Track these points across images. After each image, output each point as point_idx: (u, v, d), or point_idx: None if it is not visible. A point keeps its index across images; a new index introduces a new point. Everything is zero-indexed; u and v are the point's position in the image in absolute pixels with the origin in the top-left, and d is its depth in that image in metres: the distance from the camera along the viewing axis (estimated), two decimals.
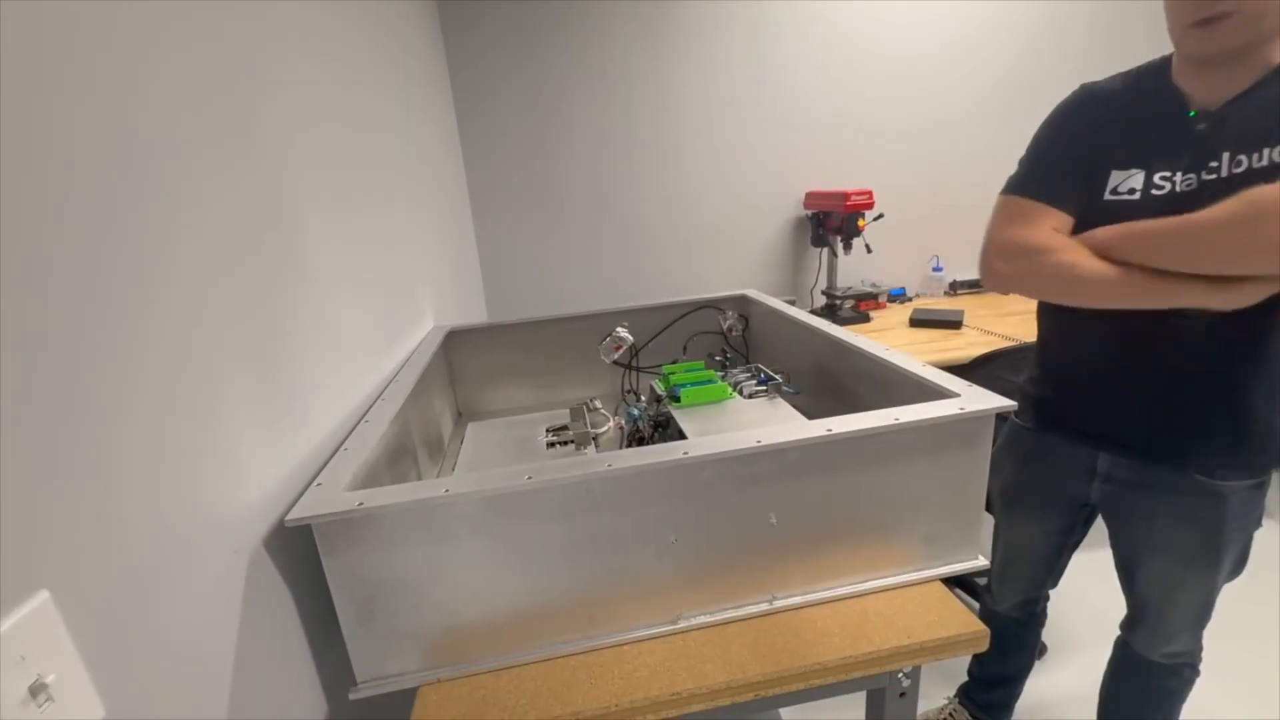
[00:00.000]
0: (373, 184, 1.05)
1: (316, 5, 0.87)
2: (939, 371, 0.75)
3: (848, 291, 2.23)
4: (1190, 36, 0.73)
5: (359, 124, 1.02)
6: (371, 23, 1.19)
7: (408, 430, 0.89)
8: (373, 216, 1.01)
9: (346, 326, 0.83)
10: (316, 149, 0.80)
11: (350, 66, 1.02)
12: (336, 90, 0.92)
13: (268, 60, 0.69)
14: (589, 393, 1.37)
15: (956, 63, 2.27)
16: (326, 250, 0.79)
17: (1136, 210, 0.79)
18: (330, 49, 0.92)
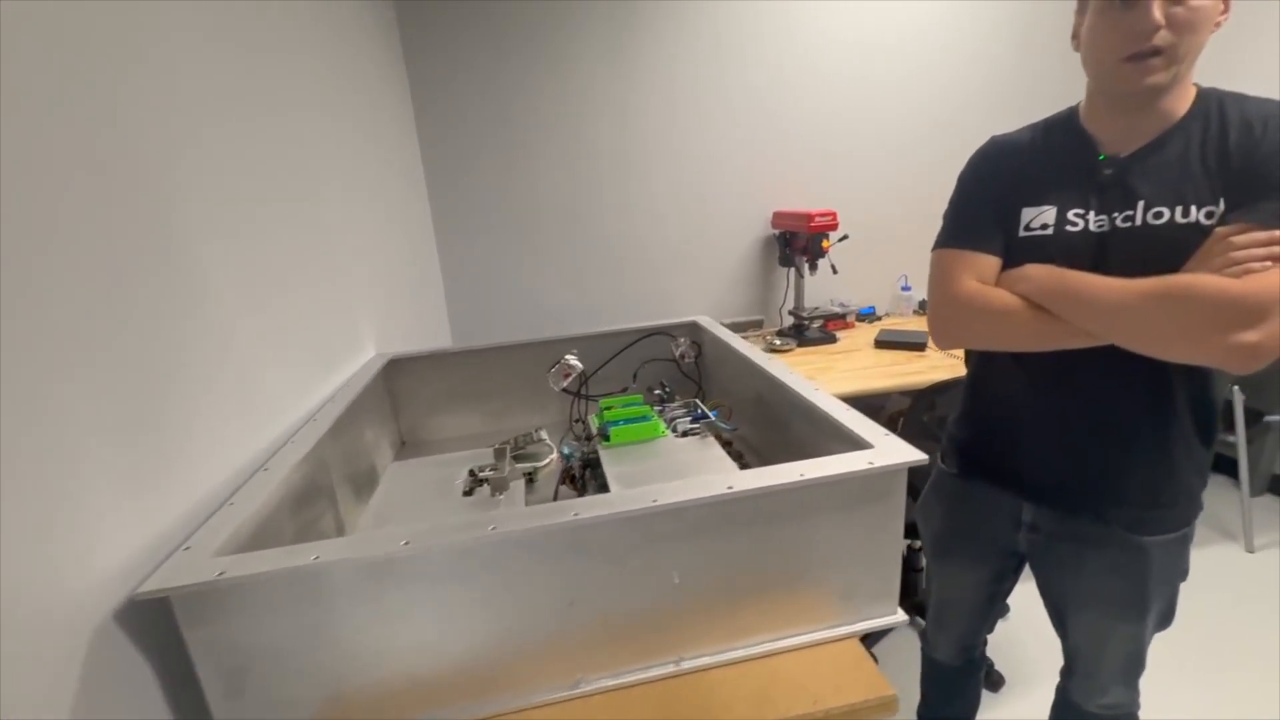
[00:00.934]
0: (299, 205, 1.01)
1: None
2: (859, 417, 0.74)
3: (814, 312, 2.22)
4: (1122, 71, 0.73)
5: (283, 138, 0.98)
6: (303, 16, 1.16)
7: (324, 470, 0.86)
8: (298, 242, 0.98)
9: (256, 365, 0.80)
10: (219, 162, 0.77)
11: (274, 67, 0.98)
12: (254, 98, 0.89)
13: (151, 48, 0.66)
14: (539, 420, 1.34)
15: (921, 83, 2.28)
16: (233, 281, 0.76)
17: (1051, 246, 0.79)
18: (245, 40, 0.88)
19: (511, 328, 2.27)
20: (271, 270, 0.87)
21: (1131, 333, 0.71)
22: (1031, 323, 0.77)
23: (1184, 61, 0.71)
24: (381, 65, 1.75)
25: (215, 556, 0.55)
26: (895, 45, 2.22)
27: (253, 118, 0.88)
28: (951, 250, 0.86)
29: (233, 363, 0.74)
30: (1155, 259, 0.72)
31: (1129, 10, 0.69)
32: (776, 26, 2.14)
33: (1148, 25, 0.68)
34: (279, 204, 0.94)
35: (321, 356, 1.03)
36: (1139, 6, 0.69)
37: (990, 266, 0.83)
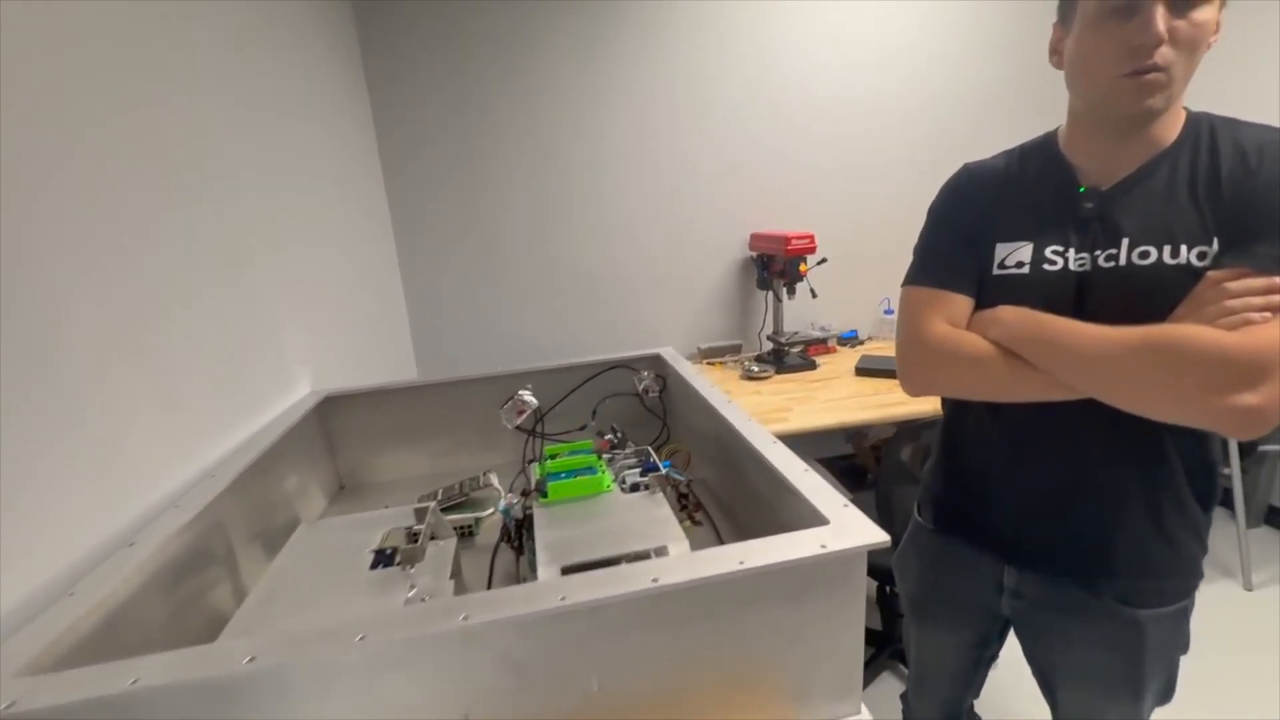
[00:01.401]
0: (212, 233, 0.92)
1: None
2: (817, 481, 0.65)
3: (794, 337, 2.14)
4: (1120, 89, 0.65)
5: (190, 157, 0.90)
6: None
7: (220, 533, 0.76)
8: (199, 271, 0.89)
9: (127, 420, 0.70)
10: (88, 173, 0.68)
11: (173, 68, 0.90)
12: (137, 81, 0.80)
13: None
14: (491, 460, 1.25)
15: (902, 103, 2.23)
16: (95, 319, 0.67)
17: (1027, 286, 0.71)
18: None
19: (481, 359, 2.18)
20: (155, 304, 0.78)
21: (1114, 388, 0.63)
22: (1005, 372, 0.69)
23: (1180, 83, 0.64)
24: (340, 82, 1.67)
25: (22, 675, 0.45)
26: (875, 65, 2.17)
27: (132, 111, 0.79)
28: (921, 288, 0.79)
29: (90, 419, 0.64)
30: (1141, 303, 0.65)
31: (1129, 22, 0.62)
32: (753, 45, 2.09)
33: (1150, 39, 0.61)
34: (178, 230, 0.85)
35: (232, 400, 0.94)
36: (1141, 18, 0.61)
37: (962, 307, 0.75)
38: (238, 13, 1.13)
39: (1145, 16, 0.61)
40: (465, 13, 1.90)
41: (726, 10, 2.04)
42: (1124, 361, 0.61)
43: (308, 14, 1.51)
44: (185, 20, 0.94)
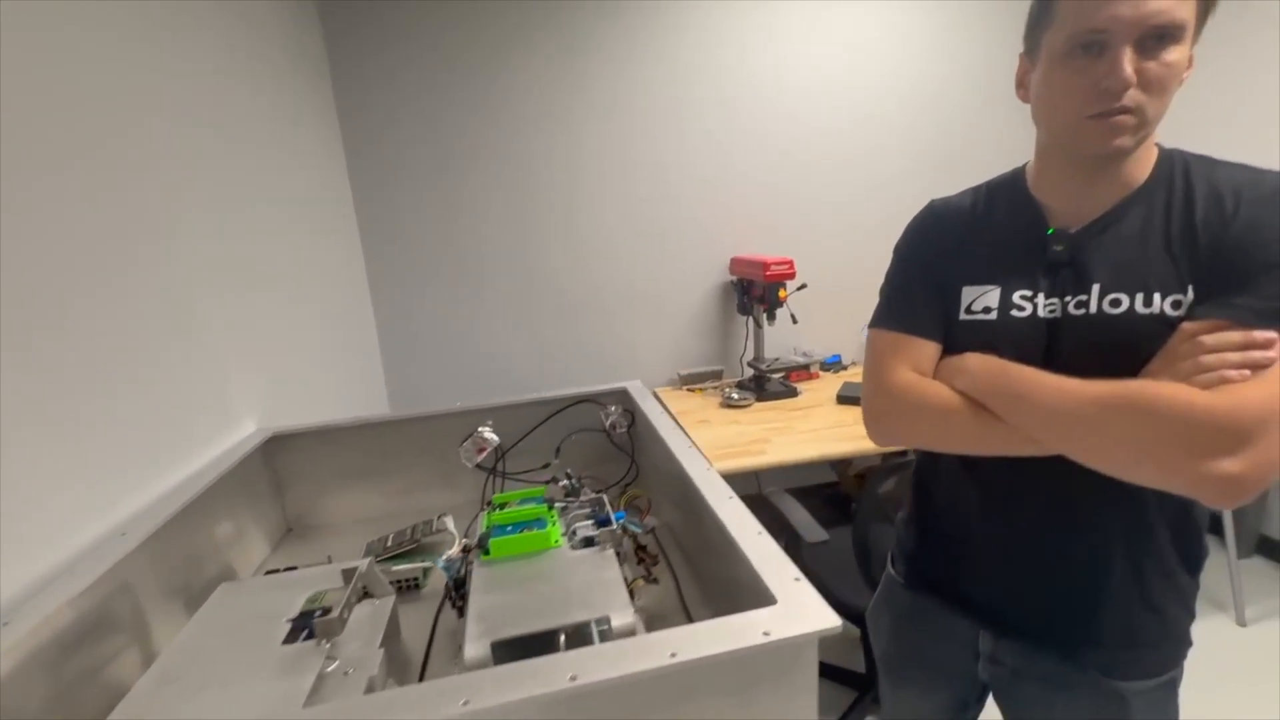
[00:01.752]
0: (138, 265, 0.87)
1: None
2: (769, 547, 0.60)
3: (775, 363, 2.10)
4: (1087, 129, 0.61)
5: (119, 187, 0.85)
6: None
7: (126, 595, 0.70)
8: (130, 310, 0.83)
9: (32, 480, 0.64)
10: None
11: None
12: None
13: None
14: (450, 500, 1.19)
15: (883, 128, 2.22)
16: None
17: (995, 333, 0.67)
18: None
19: (458, 390, 2.12)
20: (66, 344, 0.72)
21: (1084, 447, 0.59)
22: (972, 425, 0.64)
23: (1152, 124, 0.60)
24: (305, 105, 1.64)
25: None
26: (858, 90, 2.16)
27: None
28: (886, 332, 0.75)
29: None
30: (1113, 353, 0.61)
31: (1097, 61, 0.59)
32: (734, 68, 2.07)
33: (1118, 81, 0.57)
34: (105, 265, 0.79)
35: (159, 445, 0.87)
36: (1109, 58, 0.58)
37: (928, 353, 0.71)
38: (184, 30, 1.09)
39: (1113, 57, 0.58)
40: (438, 34, 1.87)
41: (707, 34, 2.02)
42: (1093, 419, 0.57)
43: (272, 32, 1.48)
44: (123, 42, 0.89)
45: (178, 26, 1.06)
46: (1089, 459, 0.59)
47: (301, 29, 1.67)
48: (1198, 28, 0.59)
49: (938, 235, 0.75)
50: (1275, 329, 0.54)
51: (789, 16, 2.06)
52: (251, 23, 1.37)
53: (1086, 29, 0.58)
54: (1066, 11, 0.60)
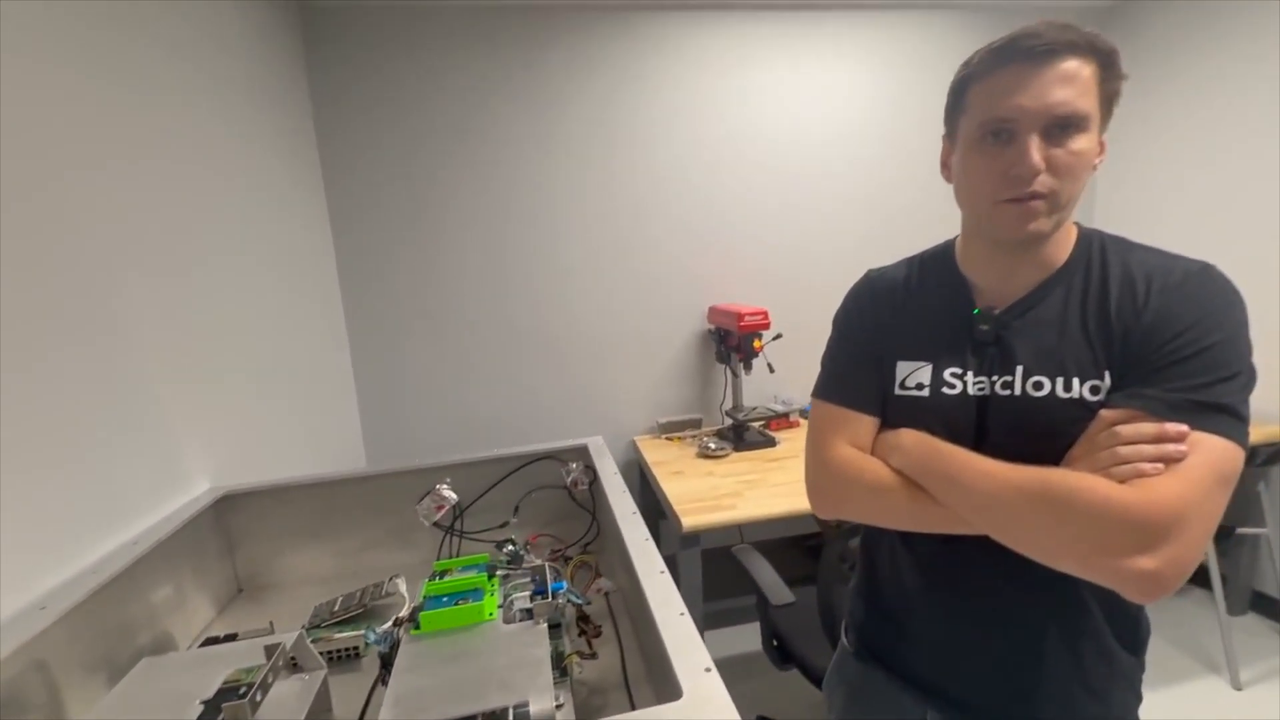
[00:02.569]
0: (70, 322, 0.87)
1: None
2: (687, 630, 0.58)
3: (752, 412, 2.09)
4: (1000, 213, 0.62)
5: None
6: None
7: (41, 674, 0.68)
8: (57, 367, 0.83)
9: None
10: None
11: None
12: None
13: None
14: (406, 560, 1.17)
15: (861, 178, 2.27)
16: None
17: (928, 409, 0.67)
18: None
19: (437, 443, 2.11)
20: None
21: (1009, 532, 0.59)
22: (907, 503, 0.64)
23: (1067, 209, 0.62)
24: (283, 150, 1.68)
25: None
26: (832, 143, 2.23)
27: None
28: (826, 404, 0.75)
29: None
30: (1038, 435, 0.61)
31: (1006, 149, 0.60)
32: (711, 118, 2.14)
33: (1026, 169, 0.59)
34: (39, 324, 0.80)
35: (94, 510, 0.86)
36: (1016, 146, 0.60)
37: (866, 428, 0.71)
38: (156, 76, 1.13)
39: (1020, 146, 0.59)
40: (419, 88, 1.94)
41: (684, 88, 2.10)
42: (1017, 506, 0.56)
43: (256, 85, 1.53)
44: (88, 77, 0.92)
45: (145, 68, 1.10)
46: (1016, 545, 0.58)
47: (286, 81, 1.74)
48: (1104, 116, 0.61)
49: (873, 308, 0.76)
50: (1186, 421, 0.54)
51: (765, 73, 2.14)
52: (236, 74, 1.42)
53: (994, 117, 0.60)
54: (976, 100, 0.63)
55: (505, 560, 0.90)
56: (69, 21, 0.91)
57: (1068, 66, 0.58)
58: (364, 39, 1.88)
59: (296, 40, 1.82)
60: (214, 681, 0.70)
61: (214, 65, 1.34)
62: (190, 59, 1.25)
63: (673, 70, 2.08)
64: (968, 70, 0.64)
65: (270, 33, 1.65)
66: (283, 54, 1.72)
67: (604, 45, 2.02)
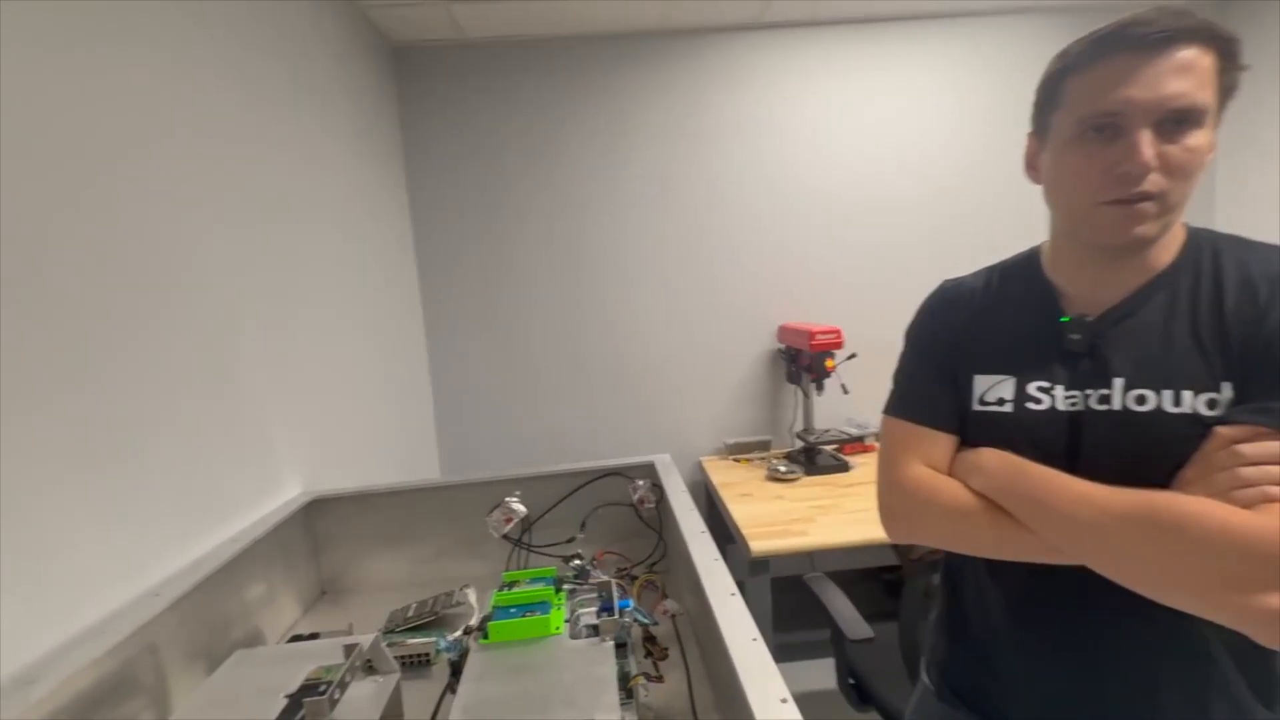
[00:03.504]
0: (189, 332, 0.94)
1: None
2: (760, 656, 0.55)
3: (825, 435, 2.01)
4: (1102, 216, 0.57)
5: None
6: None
7: (150, 656, 0.73)
8: (177, 375, 0.91)
9: (69, 541, 0.70)
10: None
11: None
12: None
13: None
14: (475, 570, 1.20)
15: (935, 193, 2.17)
16: (29, 435, 0.67)
17: (1011, 426, 0.62)
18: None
19: (507, 455, 2.18)
20: (123, 413, 0.79)
21: (1112, 564, 0.52)
22: (990, 528, 0.58)
23: (1177, 211, 0.56)
24: (379, 182, 1.81)
25: None
26: (910, 151, 2.15)
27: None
28: (897, 421, 0.71)
29: (14, 543, 0.64)
30: (1142, 454, 0.55)
31: (1111, 144, 0.55)
32: (781, 142, 2.12)
33: (1137, 166, 0.53)
34: (162, 339, 0.89)
35: (200, 508, 0.93)
36: (1126, 141, 0.54)
37: (942, 447, 0.66)
38: (265, 85, 1.24)
39: (1128, 142, 0.54)
40: (492, 106, 2.04)
41: (755, 101, 2.09)
42: (1118, 534, 0.50)
43: (353, 107, 1.66)
44: (200, 118, 1.03)
45: (257, 75, 1.20)
46: (1116, 577, 0.52)
47: (382, 118, 1.88)
48: (1219, 111, 0.55)
49: (947, 319, 0.72)
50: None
51: (836, 87, 2.10)
52: (342, 117, 1.55)
53: (1099, 110, 0.55)
54: (1076, 93, 0.58)
55: (572, 575, 0.90)
56: (218, 103, 1.02)
57: (1185, 55, 0.53)
58: (446, 75, 2.01)
59: (390, 81, 1.96)
60: (297, 677, 0.73)
61: (325, 112, 1.48)
62: (308, 110, 1.39)
63: (742, 89, 2.09)
64: (1065, 62, 0.59)
65: (370, 78, 1.80)
66: (379, 95, 1.87)
67: (674, 68, 2.06)
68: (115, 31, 0.83)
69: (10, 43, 0.66)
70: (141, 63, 0.88)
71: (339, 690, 0.66)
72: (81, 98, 0.76)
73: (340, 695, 0.67)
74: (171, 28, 0.95)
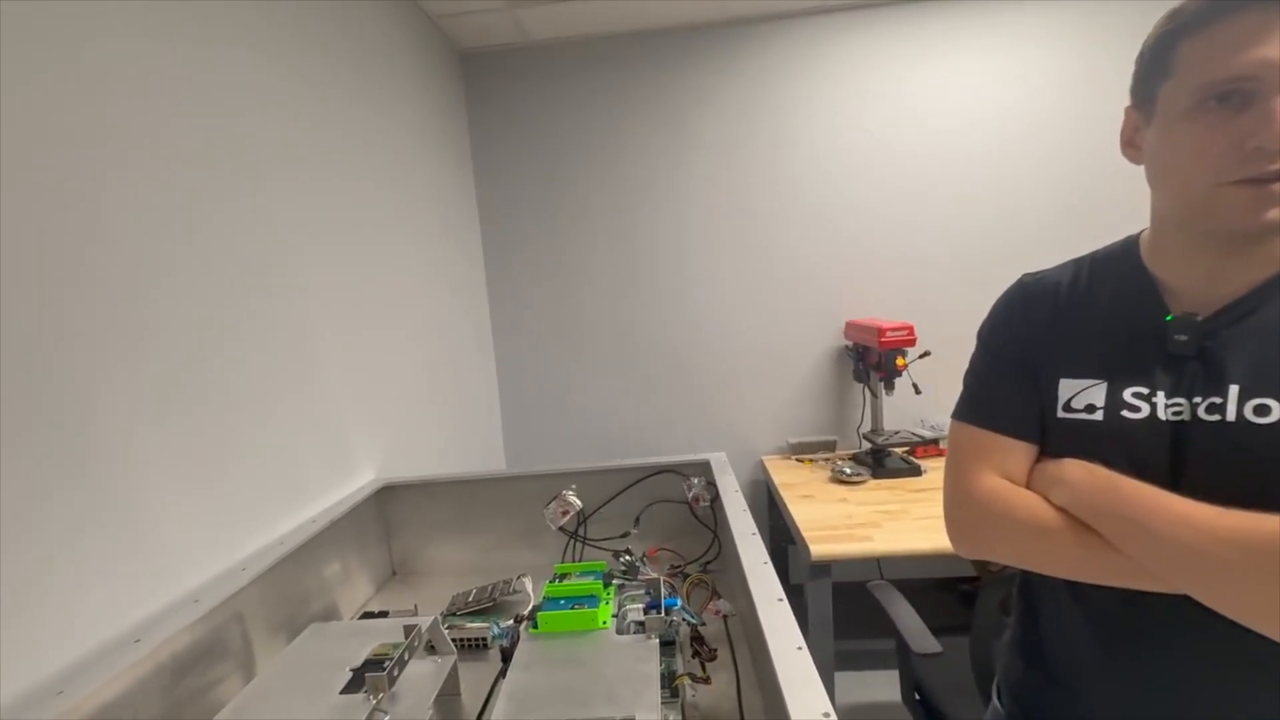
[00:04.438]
0: (275, 328, 1.02)
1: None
2: (804, 666, 0.53)
3: (894, 437, 1.92)
4: (1226, 198, 0.50)
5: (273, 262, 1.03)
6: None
7: (237, 625, 0.80)
8: (263, 369, 0.99)
9: (168, 516, 0.78)
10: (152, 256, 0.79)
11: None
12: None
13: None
14: (532, 560, 1.23)
15: (1012, 186, 2.01)
16: (126, 423, 0.74)
17: (1102, 436, 0.56)
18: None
19: (568, 448, 2.23)
20: (218, 399, 0.87)
21: (1219, 596, 0.46)
22: (1074, 548, 0.53)
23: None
24: (449, 180, 1.89)
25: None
26: (989, 137, 2.00)
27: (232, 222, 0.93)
28: (968, 427, 0.65)
29: (122, 518, 0.72)
30: (1259, 473, 0.48)
31: (1239, 115, 0.48)
32: (849, 131, 2.03)
33: (1274, 140, 0.46)
34: (252, 330, 0.97)
35: (282, 490, 1.01)
36: (1258, 110, 0.47)
37: (1019, 456, 0.61)
38: (350, 106, 1.32)
39: (1264, 110, 0.47)
40: (555, 104, 2.07)
41: (818, 90, 2.02)
42: (1231, 564, 0.44)
43: (427, 114, 1.74)
44: (292, 120, 1.11)
45: (343, 89, 1.29)
46: (1227, 611, 0.46)
47: (451, 121, 1.96)
48: None
49: (1027, 316, 0.65)
50: None
51: (906, 72, 1.99)
52: (416, 122, 1.63)
53: (1225, 76, 0.48)
54: (1192, 57, 0.50)
55: (622, 570, 0.90)
56: (313, 127, 1.10)
57: None
58: (508, 76, 2.07)
59: (459, 85, 2.04)
60: (363, 652, 0.78)
61: (402, 120, 1.56)
62: (389, 120, 1.48)
63: (805, 78, 2.02)
64: (1176, 22, 0.52)
65: (442, 84, 1.88)
66: (450, 99, 1.95)
67: (736, 59, 2.02)
68: (241, 82, 0.94)
69: (161, 97, 0.74)
70: (252, 108, 0.97)
71: (398, 668, 0.70)
72: (205, 142, 0.86)
73: (399, 673, 0.70)
74: (278, 65, 1.03)
